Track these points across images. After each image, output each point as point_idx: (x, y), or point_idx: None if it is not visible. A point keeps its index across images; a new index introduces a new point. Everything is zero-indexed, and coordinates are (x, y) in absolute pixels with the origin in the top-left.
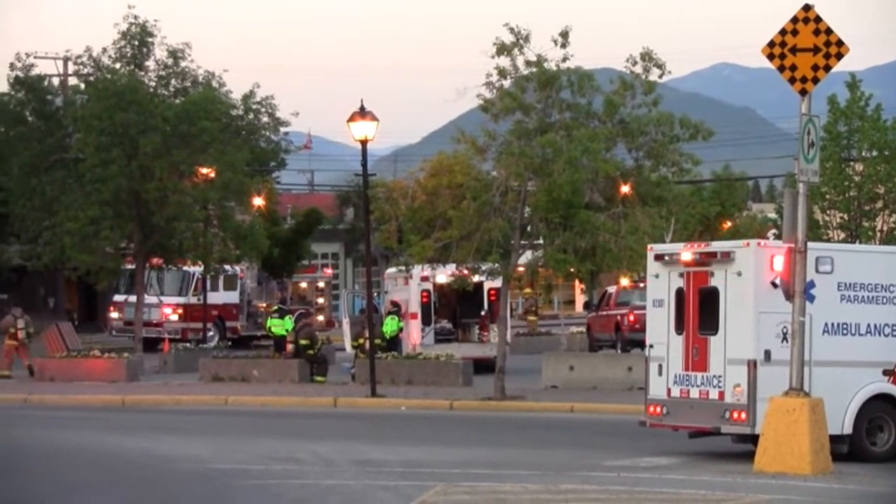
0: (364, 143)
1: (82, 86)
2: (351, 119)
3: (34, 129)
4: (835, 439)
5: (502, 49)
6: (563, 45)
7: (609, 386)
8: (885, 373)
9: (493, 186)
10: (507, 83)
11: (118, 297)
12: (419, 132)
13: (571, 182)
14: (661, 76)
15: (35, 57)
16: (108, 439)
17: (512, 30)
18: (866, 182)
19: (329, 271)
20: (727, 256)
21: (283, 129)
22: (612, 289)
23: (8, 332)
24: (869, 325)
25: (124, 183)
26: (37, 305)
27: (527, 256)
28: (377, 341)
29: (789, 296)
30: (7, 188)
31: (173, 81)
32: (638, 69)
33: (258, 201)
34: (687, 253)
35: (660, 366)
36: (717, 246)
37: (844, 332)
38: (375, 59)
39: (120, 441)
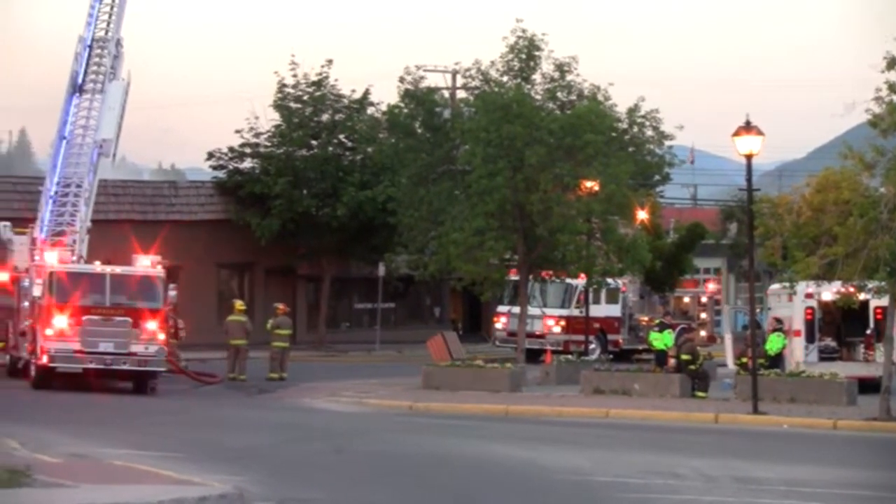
0: (749, 157)
1: (470, 98)
2: (736, 133)
3: (423, 141)
4: None
5: (893, 63)
6: None
7: None
8: None
9: (880, 203)
10: None
11: (502, 308)
12: (805, 147)
13: None
14: None
15: (425, 70)
16: (489, 448)
17: None
18: None
19: (711, 286)
20: None
21: (667, 143)
22: None
23: (275, 334)
24: None
25: (509, 194)
26: (423, 314)
27: None
28: (759, 360)
29: None
30: (396, 198)
31: (559, 94)
32: None
33: (642, 215)
34: None
35: None
36: None
37: None
38: (761, 72)
39: (502, 450)
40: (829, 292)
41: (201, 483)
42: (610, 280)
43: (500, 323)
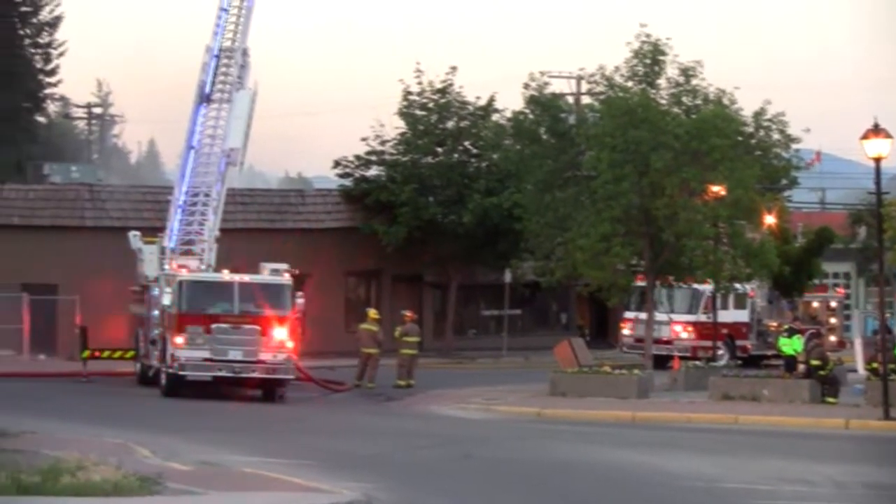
0: (877, 161)
1: (595, 104)
2: (864, 137)
3: (548, 147)
4: None
5: None
6: None
7: None
8: None
9: None
10: None
11: (629, 314)
12: None
13: None
14: None
15: (549, 76)
16: (617, 454)
17: None
18: None
19: (841, 291)
20: None
21: (793, 147)
22: None
23: (403, 341)
24: None
25: (635, 200)
26: (549, 321)
27: None
28: (890, 365)
29: None
30: (522, 205)
31: (684, 99)
32: None
33: (769, 219)
34: None
35: None
36: None
37: None
38: (890, 74)
39: (629, 457)
40: None
41: (330, 490)
42: (738, 285)
43: (627, 329)
